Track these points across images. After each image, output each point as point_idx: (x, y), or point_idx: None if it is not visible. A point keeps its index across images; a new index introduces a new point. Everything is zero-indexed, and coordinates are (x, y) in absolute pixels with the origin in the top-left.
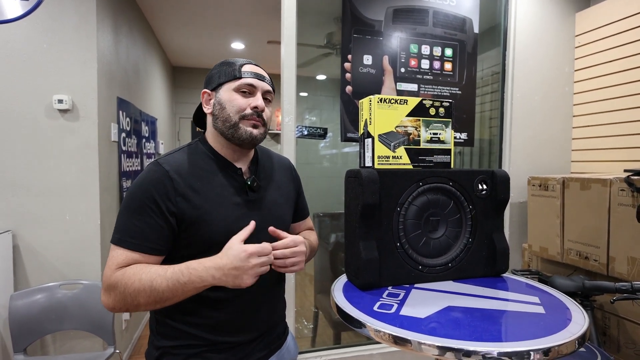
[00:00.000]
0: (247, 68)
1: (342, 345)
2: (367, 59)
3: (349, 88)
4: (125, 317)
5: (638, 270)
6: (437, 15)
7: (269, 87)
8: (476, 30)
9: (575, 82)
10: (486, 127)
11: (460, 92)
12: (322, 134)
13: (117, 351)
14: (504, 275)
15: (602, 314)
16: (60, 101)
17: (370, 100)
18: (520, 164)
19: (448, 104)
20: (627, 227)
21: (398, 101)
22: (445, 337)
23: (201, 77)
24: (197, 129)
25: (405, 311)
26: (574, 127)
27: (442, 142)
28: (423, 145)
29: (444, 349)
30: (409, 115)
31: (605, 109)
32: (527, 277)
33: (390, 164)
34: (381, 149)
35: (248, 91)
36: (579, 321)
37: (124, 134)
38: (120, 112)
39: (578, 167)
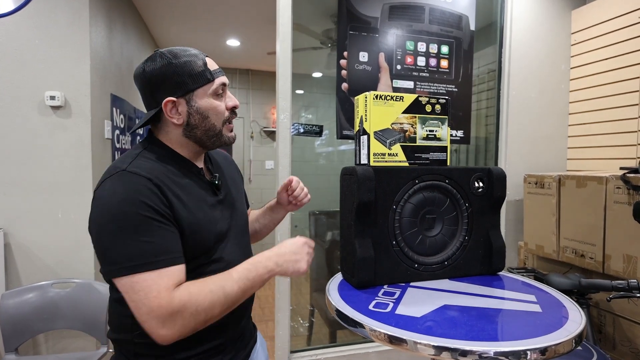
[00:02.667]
0: (211, 65)
1: (337, 343)
2: (363, 56)
3: (344, 85)
4: None
5: (634, 268)
6: (433, 12)
7: (227, 80)
8: (472, 27)
9: (571, 79)
10: (482, 124)
11: (456, 89)
12: (317, 131)
13: (110, 350)
14: (500, 273)
15: (598, 311)
16: (52, 98)
17: (366, 97)
18: (516, 162)
19: (444, 101)
20: (623, 225)
21: (394, 98)
22: (441, 336)
23: None
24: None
25: (401, 310)
26: (570, 125)
27: (439, 139)
28: (419, 142)
29: (440, 349)
30: (404, 112)
31: (601, 107)
32: (523, 275)
33: (385, 161)
34: (377, 146)
35: (222, 92)
36: (576, 320)
37: (117, 131)
38: (114, 109)
39: (574, 165)
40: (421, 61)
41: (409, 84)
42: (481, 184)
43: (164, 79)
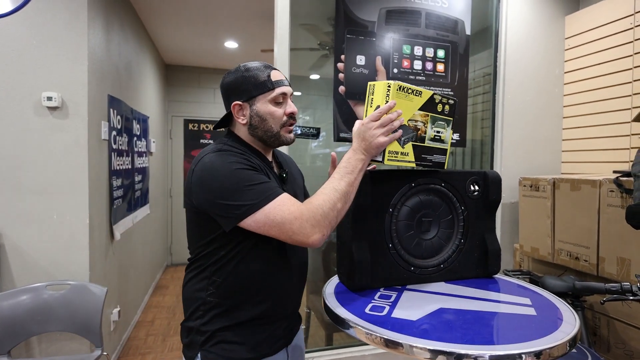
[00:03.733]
0: (275, 76)
1: (334, 346)
2: (360, 60)
3: (342, 88)
4: (113, 318)
5: (627, 271)
6: (429, 17)
7: (291, 90)
8: (468, 32)
9: (565, 83)
10: (478, 127)
11: (452, 93)
12: (315, 133)
13: (105, 353)
14: (496, 276)
15: (593, 314)
16: (49, 98)
17: (389, 86)
18: (511, 165)
19: (453, 102)
20: (617, 228)
21: (414, 92)
22: (437, 340)
23: (194, 75)
24: (213, 129)
25: (397, 313)
26: (564, 129)
27: (442, 141)
28: (427, 143)
29: (435, 352)
30: (420, 108)
31: (595, 111)
32: (518, 278)
33: (398, 160)
34: (392, 143)
35: (282, 100)
36: (570, 323)
37: (114, 132)
38: (111, 110)
39: (568, 168)
40: (418, 65)
41: None
42: (477, 187)
43: (235, 86)
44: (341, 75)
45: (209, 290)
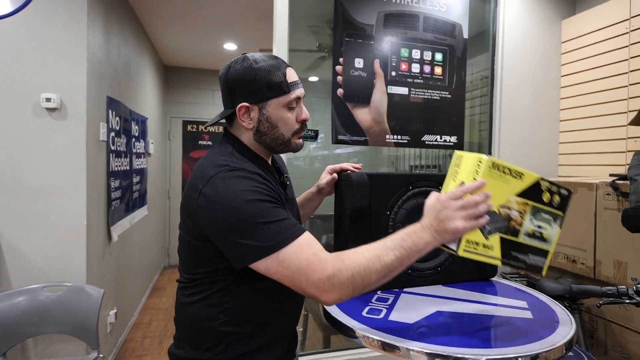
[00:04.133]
0: (290, 76)
1: (331, 349)
2: (359, 62)
3: (340, 91)
4: (110, 320)
5: (624, 274)
6: (427, 21)
7: (304, 91)
8: (465, 35)
9: (562, 87)
10: (476, 130)
11: (450, 95)
12: (313, 136)
13: (101, 355)
14: (493, 279)
15: (590, 317)
16: (48, 99)
17: (480, 162)
18: None
19: (566, 193)
20: (613, 231)
21: (512, 172)
22: (433, 343)
23: (193, 76)
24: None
25: (394, 316)
26: (561, 132)
27: (543, 240)
28: (522, 238)
29: (432, 356)
30: (520, 194)
31: (592, 114)
32: (516, 281)
33: (478, 253)
34: (473, 232)
35: (295, 104)
36: (567, 326)
37: (113, 134)
38: (110, 111)
39: (565, 171)
40: (415, 68)
41: (404, 90)
42: None
43: (242, 83)
44: (339, 78)
45: (220, 319)
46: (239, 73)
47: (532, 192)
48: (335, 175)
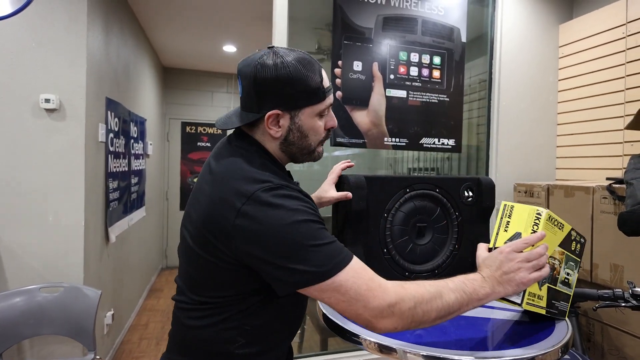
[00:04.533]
0: (326, 80)
1: (329, 351)
2: (357, 65)
3: (339, 93)
4: (107, 321)
5: (620, 277)
6: (426, 24)
7: None
8: (464, 39)
9: (559, 91)
10: (474, 133)
11: (448, 99)
12: None
13: (98, 357)
14: None
15: (587, 320)
16: (47, 100)
17: (539, 214)
18: (506, 171)
19: (584, 240)
20: (609, 235)
21: (559, 224)
22: (430, 345)
23: (192, 78)
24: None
25: None
26: (558, 135)
27: (569, 285)
28: (558, 286)
29: (428, 358)
30: (560, 244)
31: (589, 118)
32: None
33: (535, 305)
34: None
35: (327, 112)
36: (562, 329)
37: (111, 135)
38: (109, 112)
39: (563, 174)
40: (414, 71)
41: (402, 93)
42: (471, 194)
43: (275, 89)
44: (338, 81)
45: (238, 342)
46: (271, 74)
47: (566, 242)
48: (343, 194)
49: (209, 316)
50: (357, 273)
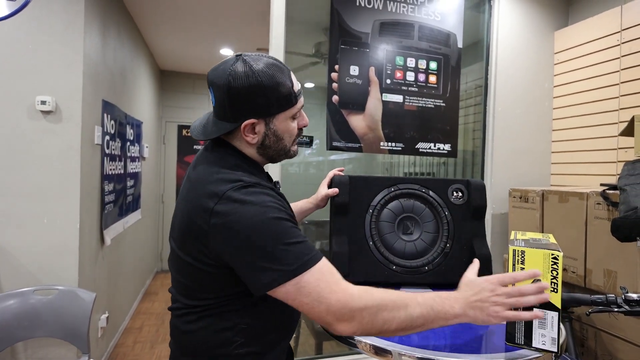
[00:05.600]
0: (296, 84)
1: (324, 355)
2: (354, 70)
3: (335, 98)
4: (101, 324)
5: (614, 283)
6: (422, 30)
7: None
8: (460, 44)
9: (554, 97)
10: (469, 138)
11: (444, 104)
12: (308, 142)
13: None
14: None
15: (580, 325)
16: (43, 102)
17: (556, 259)
18: (501, 176)
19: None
20: (603, 240)
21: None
22: (425, 348)
23: (189, 81)
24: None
25: None
26: (553, 141)
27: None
28: None
29: None
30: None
31: (583, 124)
32: None
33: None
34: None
35: (299, 114)
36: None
37: (107, 137)
38: (105, 114)
39: (557, 180)
40: (410, 76)
41: (398, 98)
42: (460, 194)
43: (249, 99)
44: (335, 85)
45: (236, 342)
46: (243, 85)
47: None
48: (331, 190)
49: (203, 318)
50: (323, 275)
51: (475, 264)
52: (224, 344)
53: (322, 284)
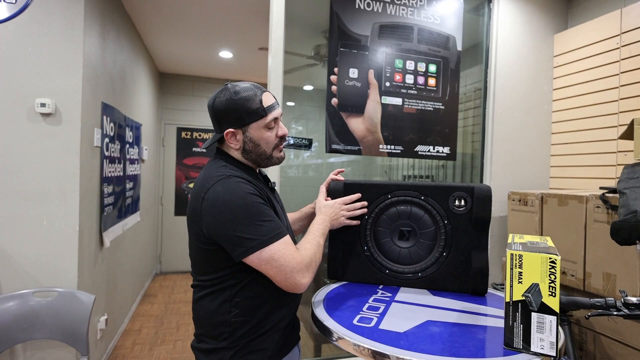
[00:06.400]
0: (266, 101)
1: (322, 357)
2: (353, 72)
3: (334, 100)
4: (100, 326)
5: (613, 286)
6: (421, 33)
7: (281, 110)
8: (459, 47)
9: (553, 100)
10: (468, 141)
11: (443, 107)
12: (307, 144)
13: None
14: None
15: (579, 329)
16: (42, 105)
17: (554, 262)
18: (501, 179)
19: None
20: (602, 244)
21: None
22: (423, 352)
23: (189, 84)
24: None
25: (385, 325)
26: (552, 144)
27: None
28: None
29: None
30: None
31: (583, 128)
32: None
33: None
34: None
35: (274, 124)
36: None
37: (107, 139)
38: (105, 117)
39: (556, 183)
40: (409, 79)
41: (398, 101)
42: (462, 203)
43: (226, 113)
44: (334, 88)
45: (232, 312)
46: (222, 104)
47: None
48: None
49: (209, 292)
50: (287, 245)
51: (322, 190)
52: (224, 313)
53: (287, 252)
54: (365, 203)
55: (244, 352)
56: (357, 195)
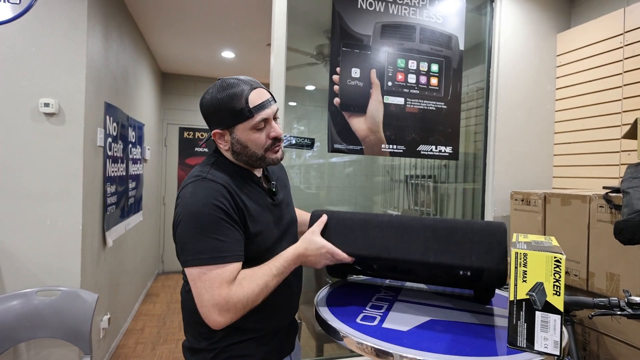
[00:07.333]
0: (253, 101)
1: (325, 357)
2: (355, 72)
3: (336, 100)
4: (103, 325)
5: (617, 286)
6: (424, 32)
7: (276, 107)
8: (462, 47)
9: (556, 100)
10: (471, 141)
11: (445, 106)
12: (309, 144)
13: None
14: None
15: (582, 329)
16: (46, 105)
17: (558, 262)
18: (503, 179)
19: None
20: (606, 243)
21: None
22: (427, 351)
23: (191, 84)
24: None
25: (388, 324)
26: (555, 144)
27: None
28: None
29: None
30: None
31: (586, 127)
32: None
33: None
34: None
35: (263, 125)
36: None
37: (110, 139)
38: (107, 117)
39: (559, 183)
40: (412, 78)
41: (400, 100)
42: (468, 274)
43: (211, 113)
44: (336, 87)
45: None
46: (208, 102)
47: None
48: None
49: (188, 286)
50: (222, 272)
51: (322, 220)
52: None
53: (216, 281)
54: (352, 259)
55: (224, 355)
56: (352, 259)
